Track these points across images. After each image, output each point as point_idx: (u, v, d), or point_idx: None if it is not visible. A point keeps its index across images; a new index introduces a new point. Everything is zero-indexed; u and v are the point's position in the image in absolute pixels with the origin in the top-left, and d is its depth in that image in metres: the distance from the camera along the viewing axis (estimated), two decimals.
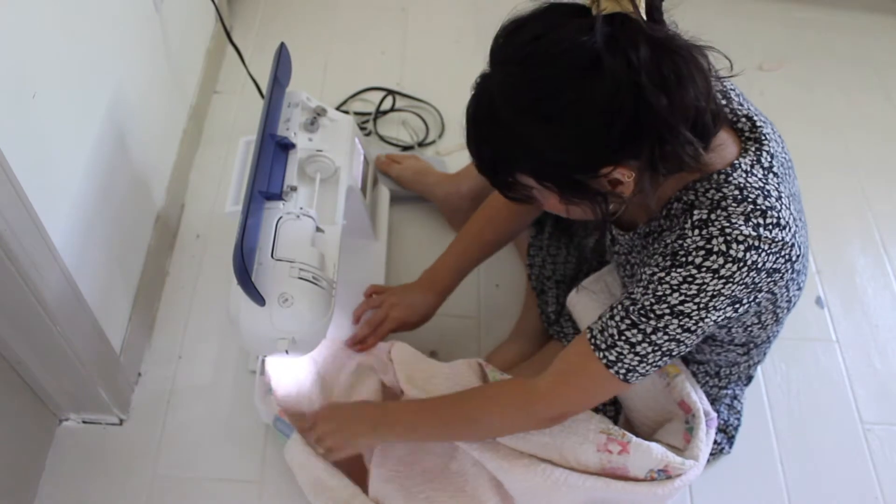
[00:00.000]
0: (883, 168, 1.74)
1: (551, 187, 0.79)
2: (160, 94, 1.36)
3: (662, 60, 0.71)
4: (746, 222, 0.78)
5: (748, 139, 0.85)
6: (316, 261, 0.98)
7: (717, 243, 0.78)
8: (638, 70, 0.70)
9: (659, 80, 0.70)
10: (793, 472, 1.24)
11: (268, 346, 0.98)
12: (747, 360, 1.05)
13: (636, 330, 0.84)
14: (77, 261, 0.98)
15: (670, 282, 0.80)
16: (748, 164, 0.82)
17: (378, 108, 1.67)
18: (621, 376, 0.86)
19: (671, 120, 0.72)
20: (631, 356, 0.85)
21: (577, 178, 0.77)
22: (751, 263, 0.78)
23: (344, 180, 1.12)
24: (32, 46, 0.86)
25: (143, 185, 1.26)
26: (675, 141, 0.74)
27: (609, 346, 0.86)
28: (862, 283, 1.52)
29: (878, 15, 2.10)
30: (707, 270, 0.78)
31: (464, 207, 1.42)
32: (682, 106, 0.72)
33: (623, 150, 0.74)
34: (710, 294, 0.79)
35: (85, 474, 1.13)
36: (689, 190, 0.84)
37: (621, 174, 0.76)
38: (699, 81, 0.73)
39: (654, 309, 0.82)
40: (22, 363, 1.02)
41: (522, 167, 0.79)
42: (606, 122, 0.72)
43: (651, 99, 0.70)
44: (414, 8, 1.93)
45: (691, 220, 0.80)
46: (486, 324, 1.37)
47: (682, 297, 0.80)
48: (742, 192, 0.80)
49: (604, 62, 0.70)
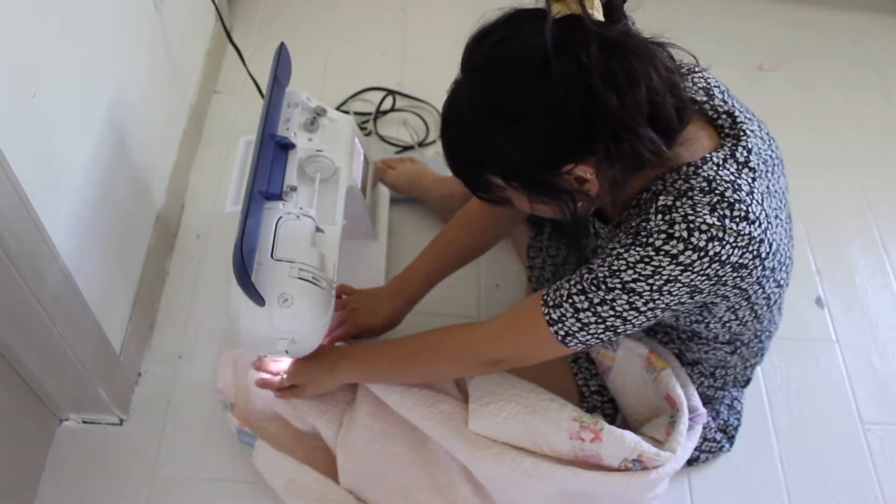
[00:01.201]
0: (882, 168, 1.74)
1: (518, 187, 0.82)
2: (160, 94, 1.36)
3: (613, 59, 0.72)
4: (711, 212, 0.78)
5: (727, 135, 0.86)
6: (316, 261, 0.98)
7: (678, 229, 0.78)
8: (588, 70, 0.71)
9: (609, 79, 0.72)
10: (793, 472, 1.24)
11: (268, 346, 0.98)
12: (739, 360, 1.05)
13: (584, 297, 0.85)
14: (77, 261, 0.98)
15: (627, 258, 0.81)
16: (720, 157, 0.83)
17: (378, 108, 1.67)
18: (559, 337, 0.88)
19: (624, 117, 0.73)
20: (573, 321, 0.86)
21: (541, 177, 0.80)
22: (713, 255, 0.78)
23: (344, 180, 1.12)
24: (32, 46, 0.86)
25: (143, 185, 1.26)
26: (632, 138, 0.75)
27: (555, 305, 0.87)
28: (862, 283, 1.51)
29: (878, 15, 2.10)
30: (665, 254, 0.79)
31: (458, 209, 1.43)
32: (633, 103, 0.73)
33: (580, 149, 0.76)
34: (665, 278, 0.80)
35: (85, 474, 1.13)
36: (657, 180, 0.84)
37: (583, 171, 0.78)
38: (654, 78, 0.74)
39: (606, 281, 0.83)
40: (22, 363, 1.02)
41: (490, 169, 0.82)
42: (560, 121, 0.74)
43: (602, 97, 0.72)
44: (414, 8, 1.93)
45: (656, 205, 0.81)
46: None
47: (636, 276, 0.81)
48: (710, 184, 0.80)
49: (552, 64, 0.71)
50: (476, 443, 1.00)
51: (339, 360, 1.05)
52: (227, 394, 1.16)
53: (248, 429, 1.12)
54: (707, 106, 0.88)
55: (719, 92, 0.90)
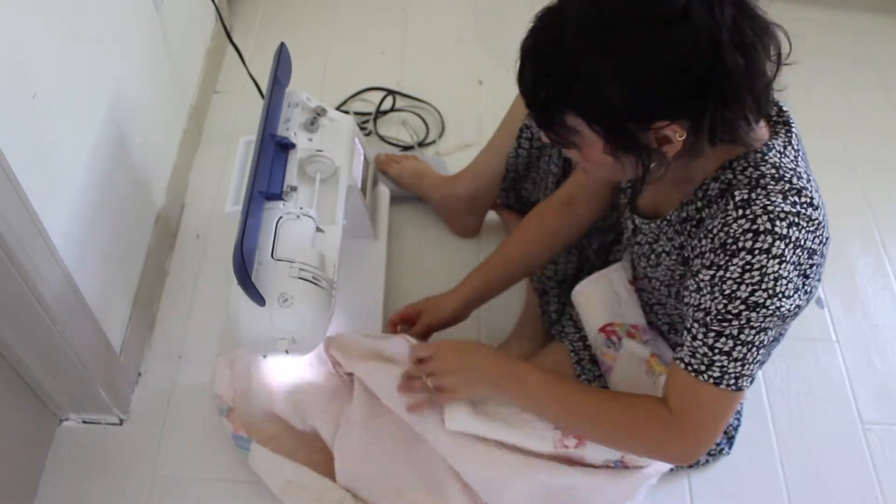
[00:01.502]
0: (883, 168, 1.74)
1: (600, 132, 0.75)
2: (160, 94, 1.36)
3: (744, 23, 0.70)
4: (784, 200, 0.78)
5: (776, 122, 0.85)
6: (316, 261, 0.98)
7: (761, 222, 0.77)
8: (720, 27, 0.69)
9: (739, 42, 0.70)
10: (793, 472, 1.24)
11: (268, 346, 0.98)
12: None
13: (724, 338, 0.81)
14: (77, 261, 0.98)
15: (731, 276, 0.78)
16: (781, 145, 0.82)
17: (378, 108, 1.67)
18: (733, 387, 0.82)
19: (741, 84, 0.71)
20: (732, 364, 0.81)
21: (628, 126, 0.74)
22: (795, 240, 0.77)
23: (344, 180, 1.12)
24: (32, 46, 0.86)
25: (143, 185, 1.26)
26: (737, 108, 0.73)
27: (708, 366, 0.82)
28: (862, 283, 1.52)
29: (878, 15, 2.10)
30: (760, 252, 0.77)
31: (460, 210, 1.43)
32: (753, 71, 0.71)
33: (685, 106, 0.72)
34: (773, 277, 0.77)
35: (85, 474, 1.13)
36: (726, 169, 0.82)
37: (673, 131, 0.73)
38: (770, 53, 0.73)
39: (730, 309, 0.79)
40: (22, 363, 1.02)
41: (576, 105, 0.74)
42: (679, 72, 0.70)
43: (727, 58, 0.69)
44: (414, 8, 1.93)
45: (733, 202, 0.79)
46: (486, 324, 1.36)
47: (751, 288, 0.77)
48: (778, 170, 0.79)
49: (692, 11, 0.68)
50: (461, 441, 0.98)
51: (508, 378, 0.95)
52: (225, 398, 1.16)
53: (244, 433, 1.12)
54: None
55: None
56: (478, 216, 1.45)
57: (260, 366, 1.14)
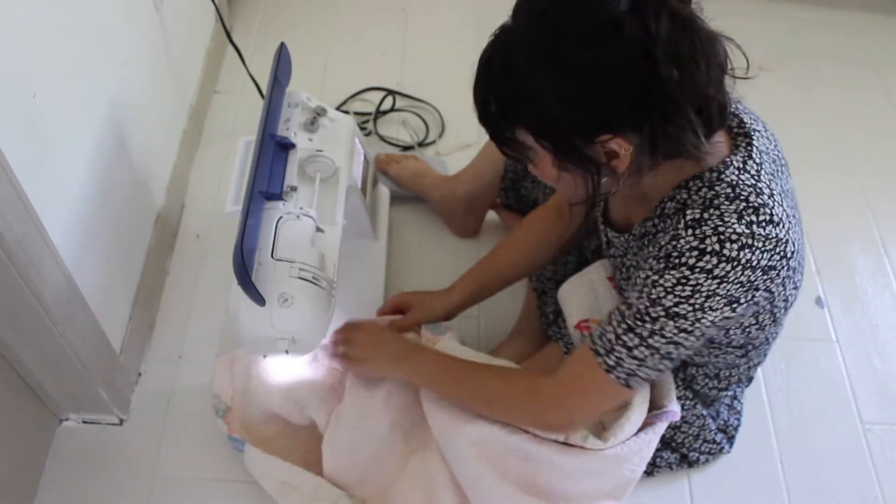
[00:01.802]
0: (883, 168, 1.74)
1: (548, 147, 0.78)
2: (160, 94, 1.36)
3: (681, 36, 0.71)
4: (739, 220, 0.78)
5: (737, 135, 0.85)
6: (316, 261, 0.98)
7: (710, 243, 0.78)
8: (655, 40, 0.70)
9: (673, 55, 0.70)
10: (793, 472, 1.24)
11: (268, 346, 0.98)
12: (746, 361, 1.05)
13: (633, 334, 0.84)
14: (77, 261, 0.98)
15: (664, 284, 0.81)
16: (740, 160, 0.82)
17: (378, 108, 1.67)
18: (622, 381, 0.87)
19: (678, 97, 0.72)
20: (629, 360, 0.85)
21: (574, 141, 0.76)
22: (745, 262, 0.78)
23: (344, 180, 1.12)
24: (32, 46, 0.86)
25: (143, 185, 1.26)
26: (679, 121, 0.74)
27: (608, 351, 0.86)
28: (862, 283, 1.51)
29: (878, 15, 2.10)
30: (701, 271, 0.78)
31: (459, 210, 1.43)
32: (690, 85, 0.72)
33: (625, 119, 0.74)
34: (706, 295, 0.79)
35: (85, 474, 1.13)
36: (681, 189, 0.84)
37: (618, 145, 0.75)
38: (713, 67, 0.73)
39: (650, 312, 0.82)
40: (22, 363, 1.02)
41: (524, 121, 0.78)
42: (616, 85, 0.72)
43: (663, 71, 0.70)
44: (414, 8, 1.93)
45: (684, 220, 0.80)
46: (486, 324, 1.36)
47: (677, 300, 0.80)
48: (734, 189, 0.80)
49: (625, 25, 0.70)
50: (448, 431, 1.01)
51: (409, 355, 1.04)
52: (223, 397, 1.16)
53: (238, 434, 1.12)
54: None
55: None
56: (477, 216, 1.45)
57: (260, 365, 1.14)
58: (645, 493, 1.17)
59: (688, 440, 1.14)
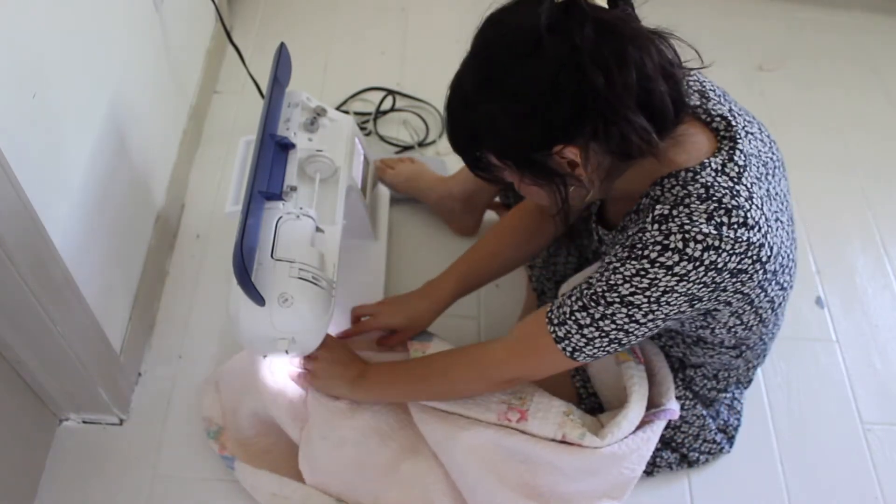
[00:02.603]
0: (883, 168, 1.74)
1: (511, 166, 0.83)
2: (160, 94, 1.36)
3: (605, 41, 0.73)
4: (708, 221, 0.79)
5: (723, 138, 0.86)
6: (316, 261, 0.98)
7: (674, 240, 0.79)
8: (580, 51, 0.72)
9: (598, 59, 0.73)
10: (793, 472, 1.24)
11: (268, 346, 0.98)
12: (743, 362, 1.05)
13: (585, 313, 0.86)
14: (77, 261, 0.98)
15: (623, 272, 0.82)
16: (719, 162, 0.83)
17: (378, 108, 1.67)
18: (567, 353, 0.89)
19: (612, 99, 0.74)
20: (578, 336, 0.87)
21: (533, 156, 0.80)
22: (708, 263, 0.79)
23: (344, 180, 1.12)
24: (32, 46, 0.86)
25: (143, 185, 1.26)
26: (621, 121, 0.75)
27: (560, 323, 0.88)
28: (862, 283, 1.52)
29: (878, 15, 2.10)
30: (660, 266, 0.79)
31: (457, 209, 1.43)
32: (622, 86, 0.74)
33: (569, 128, 0.77)
34: (662, 290, 0.81)
35: (85, 474, 1.13)
36: (656, 185, 0.85)
37: (573, 153, 0.78)
38: (648, 65, 0.75)
39: (605, 296, 0.84)
40: (22, 363, 1.02)
41: (486, 145, 0.83)
42: (550, 99, 0.75)
43: (590, 76, 0.72)
44: (414, 8, 1.93)
45: (652, 215, 0.82)
46: (486, 324, 1.37)
47: (633, 289, 0.82)
48: (708, 190, 0.80)
49: (544, 42, 0.73)
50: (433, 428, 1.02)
51: (360, 379, 1.05)
52: (214, 419, 1.16)
53: (230, 452, 1.12)
54: (701, 110, 0.88)
55: (715, 95, 0.90)
56: (476, 214, 1.46)
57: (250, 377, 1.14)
58: (645, 493, 1.17)
59: (688, 440, 1.14)
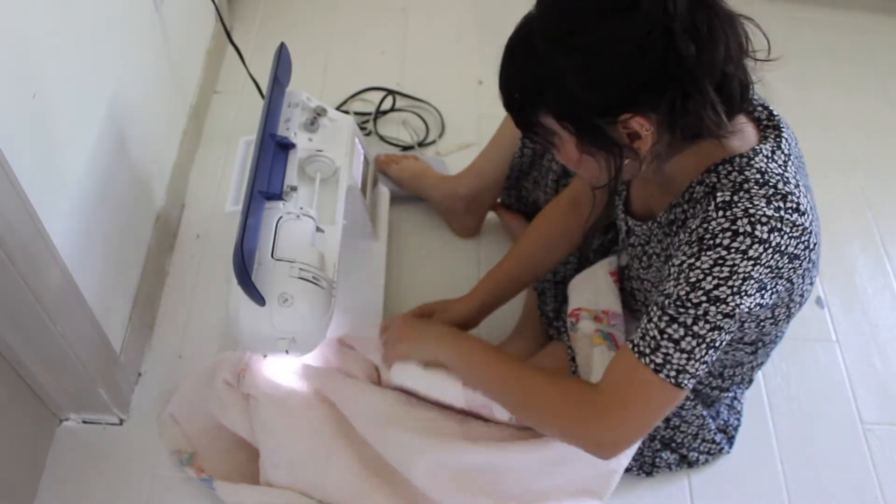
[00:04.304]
0: (883, 168, 1.74)
1: (570, 129, 0.79)
2: (160, 94, 1.36)
3: (698, 13, 0.71)
4: (768, 204, 0.78)
5: (766, 126, 0.85)
6: (316, 261, 0.98)
7: (741, 224, 0.77)
8: (672, 16, 0.70)
9: (692, 30, 0.71)
10: (793, 472, 1.24)
11: (268, 346, 0.98)
12: (752, 360, 1.05)
13: (677, 325, 0.81)
14: (77, 261, 0.98)
15: (701, 266, 0.79)
16: (769, 149, 0.82)
17: (378, 108, 1.67)
18: (672, 380, 0.82)
19: (697, 73, 0.72)
20: (678, 355, 0.81)
21: (596, 121, 0.77)
22: (775, 245, 0.78)
23: (344, 180, 1.12)
24: (32, 46, 0.86)
25: (143, 185, 1.26)
26: (699, 98, 0.73)
27: (654, 349, 0.82)
28: (862, 283, 1.52)
29: (878, 15, 2.10)
30: (736, 251, 0.77)
31: (460, 210, 1.43)
32: (709, 61, 0.72)
33: (646, 96, 0.74)
34: (742, 277, 0.78)
35: (85, 474, 1.13)
36: (710, 173, 0.83)
37: (639, 124, 0.75)
38: (732, 45, 0.73)
39: (691, 297, 0.80)
40: (22, 363, 1.02)
41: (547, 104, 0.79)
42: (634, 62, 0.72)
43: (681, 47, 0.70)
44: (414, 8, 1.93)
45: (714, 203, 0.80)
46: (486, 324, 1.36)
47: (716, 281, 0.78)
48: (763, 175, 0.80)
49: (642, 2, 0.70)
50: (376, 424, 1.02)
51: (452, 335, 1.03)
52: (183, 450, 1.14)
53: (207, 473, 1.11)
54: None
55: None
56: (478, 216, 1.45)
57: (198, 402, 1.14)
58: (645, 493, 1.17)
59: (687, 440, 1.14)
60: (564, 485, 1.01)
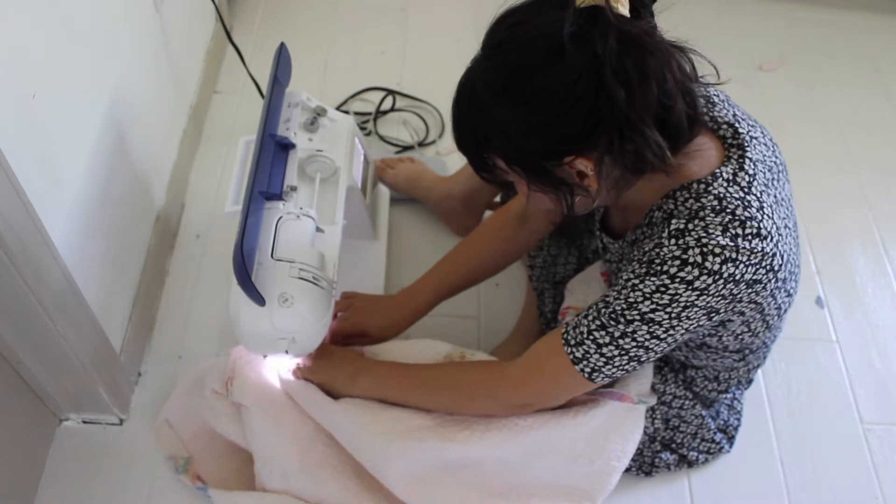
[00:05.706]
0: (883, 168, 1.74)
1: (519, 172, 0.81)
2: (160, 94, 1.36)
3: (628, 55, 0.71)
4: (724, 233, 0.78)
5: (731, 145, 0.85)
6: (316, 261, 0.98)
7: (692, 254, 0.78)
8: (602, 62, 0.71)
9: (620, 73, 0.71)
10: (793, 472, 1.24)
11: (268, 346, 0.98)
12: (745, 365, 1.05)
13: (604, 332, 0.85)
14: (77, 261, 0.98)
15: (643, 289, 0.81)
16: (730, 172, 0.82)
17: (378, 108, 1.67)
18: (586, 374, 0.88)
19: (630, 114, 0.73)
20: (597, 357, 0.86)
21: (542, 164, 0.79)
22: (727, 276, 0.78)
23: (344, 180, 1.12)
24: (32, 46, 0.86)
25: (143, 185, 1.26)
26: (637, 137, 0.74)
27: (577, 343, 0.87)
28: (862, 283, 1.52)
29: (878, 15, 2.10)
30: (681, 281, 0.79)
31: (457, 209, 1.43)
32: (642, 102, 0.72)
33: (583, 141, 0.75)
34: (683, 305, 0.80)
35: (85, 474, 1.13)
36: (668, 198, 0.84)
37: (584, 165, 0.77)
38: (669, 81, 0.74)
39: (625, 314, 0.83)
40: (22, 363, 1.02)
41: (494, 148, 0.81)
42: (567, 108, 0.73)
43: (610, 90, 0.71)
44: (414, 8, 1.93)
45: (668, 230, 0.81)
46: (486, 324, 1.37)
47: (654, 306, 0.81)
48: (721, 202, 0.80)
49: (567, 51, 0.71)
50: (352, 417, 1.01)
51: (360, 374, 1.04)
52: (178, 454, 1.14)
53: (201, 483, 1.11)
54: (707, 117, 0.87)
55: (719, 101, 0.89)
56: (476, 215, 1.46)
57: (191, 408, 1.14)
58: (645, 493, 1.17)
59: (686, 440, 1.14)
60: (552, 481, 1.01)
